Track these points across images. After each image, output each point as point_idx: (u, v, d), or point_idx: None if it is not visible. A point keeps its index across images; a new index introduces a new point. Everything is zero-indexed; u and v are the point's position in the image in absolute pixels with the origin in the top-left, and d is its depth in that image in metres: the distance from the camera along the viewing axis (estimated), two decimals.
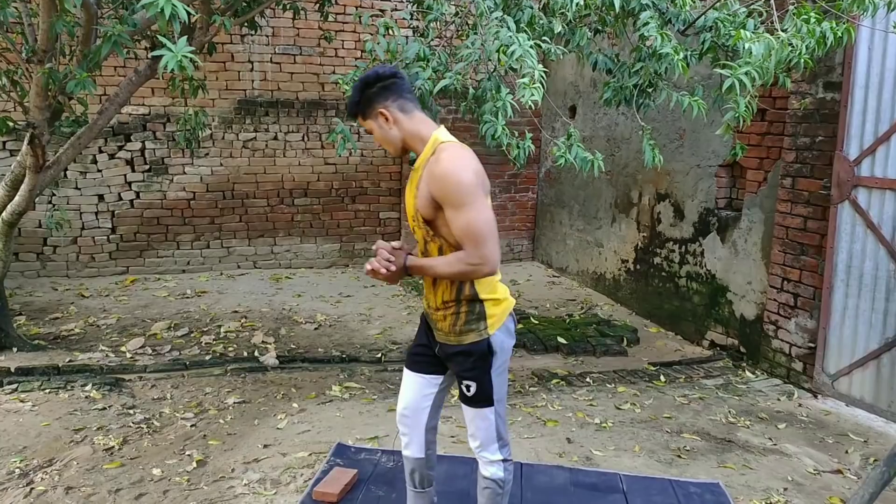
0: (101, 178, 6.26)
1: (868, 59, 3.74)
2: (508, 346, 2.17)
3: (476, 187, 1.93)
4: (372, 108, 2.00)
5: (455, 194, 1.91)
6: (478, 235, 1.92)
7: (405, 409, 2.26)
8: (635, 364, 4.67)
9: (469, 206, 1.91)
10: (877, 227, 3.74)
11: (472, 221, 1.92)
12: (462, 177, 1.91)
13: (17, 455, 3.10)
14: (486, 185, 1.99)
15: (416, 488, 2.38)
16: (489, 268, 1.96)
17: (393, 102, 2.00)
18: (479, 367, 2.09)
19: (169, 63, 2.26)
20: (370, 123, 2.04)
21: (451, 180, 1.91)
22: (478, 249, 1.93)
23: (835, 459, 3.31)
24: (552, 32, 3.20)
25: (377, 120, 2.01)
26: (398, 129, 2.02)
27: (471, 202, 1.91)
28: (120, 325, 5.04)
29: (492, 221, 1.96)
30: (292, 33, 6.54)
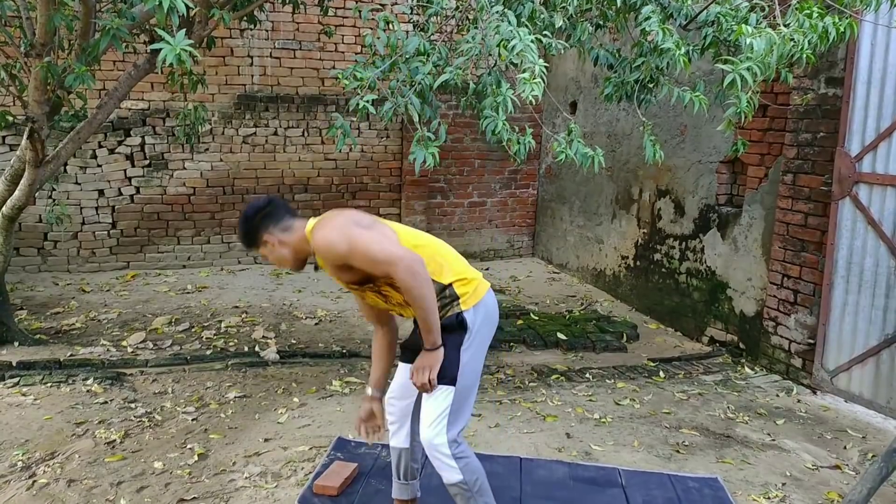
0: (100, 173, 6.25)
1: (870, 55, 3.73)
2: (484, 331, 2.18)
3: (346, 230, 2.06)
4: (259, 237, 2.19)
5: (343, 251, 2.04)
6: (381, 259, 2.03)
7: (392, 395, 2.37)
8: (635, 360, 4.68)
9: (356, 247, 2.03)
10: (877, 224, 3.74)
11: (369, 255, 2.04)
12: (331, 238, 2.06)
13: (19, 448, 3.11)
14: (358, 220, 2.13)
15: (400, 479, 2.42)
16: (408, 262, 2.02)
17: (275, 227, 2.17)
18: (448, 341, 2.12)
19: (168, 56, 2.25)
20: (262, 251, 2.21)
21: (330, 248, 2.06)
22: (392, 266, 2.02)
23: (833, 455, 3.32)
24: (553, 27, 3.19)
25: (266, 246, 2.19)
26: (286, 247, 2.17)
27: (354, 244, 2.03)
28: (121, 319, 5.05)
29: (374, 239, 2.06)
30: (292, 28, 6.52)
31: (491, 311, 2.22)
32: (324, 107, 6.74)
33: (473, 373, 2.19)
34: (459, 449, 2.16)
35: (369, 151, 6.99)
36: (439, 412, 2.12)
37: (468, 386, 2.17)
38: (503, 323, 5.23)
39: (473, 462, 2.20)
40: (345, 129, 3.30)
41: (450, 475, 2.15)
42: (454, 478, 2.15)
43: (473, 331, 2.15)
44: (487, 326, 2.20)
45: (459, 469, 2.15)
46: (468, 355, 2.14)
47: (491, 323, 2.22)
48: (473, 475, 2.18)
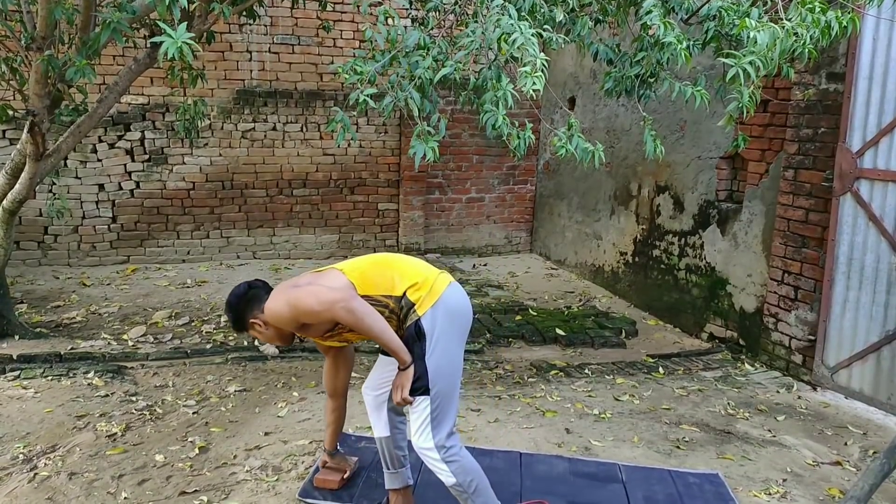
0: (101, 167, 6.25)
1: (872, 50, 3.72)
2: (448, 328, 2.20)
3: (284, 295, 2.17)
4: (246, 322, 2.25)
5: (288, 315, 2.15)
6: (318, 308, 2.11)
7: (366, 385, 2.51)
8: (634, 356, 4.68)
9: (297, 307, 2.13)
10: (878, 220, 3.73)
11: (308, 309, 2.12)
12: (275, 308, 2.18)
13: (20, 441, 3.11)
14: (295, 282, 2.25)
15: (389, 469, 2.50)
16: (342, 303, 2.09)
17: (258, 310, 2.22)
18: (413, 353, 2.18)
19: (169, 49, 2.24)
20: (254, 333, 2.28)
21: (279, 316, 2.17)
22: (330, 311, 2.10)
23: (834, 451, 3.32)
24: (553, 21, 3.18)
25: (255, 329, 2.26)
26: (270, 327, 2.24)
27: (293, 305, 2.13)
28: (121, 313, 5.05)
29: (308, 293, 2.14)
30: (291, 23, 6.50)
31: (452, 304, 2.24)
32: (322, 102, 6.73)
33: (448, 374, 2.21)
34: (449, 452, 2.18)
35: (367, 147, 6.98)
36: (421, 421, 2.18)
37: (446, 389, 2.19)
38: (502, 318, 5.24)
39: (467, 463, 2.22)
40: (345, 123, 3.28)
41: (444, 478, 2.22)
42: (448, 481, 2.22)
43: (434, 335, 2.17)
44: (451, 321, 2.22)
45: (451, 472, 2.19)
46: (434, 361, 2.16)
47: (455, 315, 2.24)
48: (467, 476, 2.20)
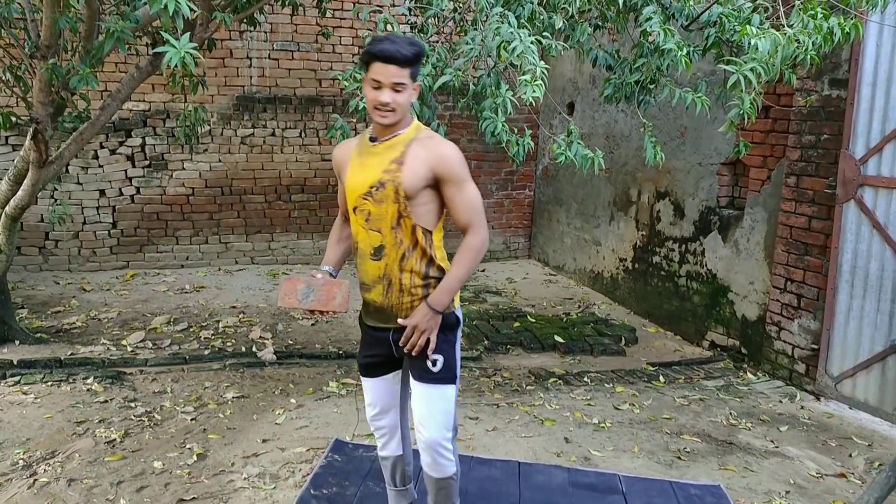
0: (102, 173, 6.26)
1: (876, 56, 3.70)
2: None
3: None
4: (416, 72, 1.98)
5: (461, 171, 2.01)
6: (479, 209, 2.05)
7: (377, 412, 2.25)
8: (633, 364, 4.65)
9: (469, 183, 2.03)
10: (883, 227, 3.70)
11: (474, 196, 2.04)
12: (460, 156, 2.03)
13: (20, 447, 3.11)
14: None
15: (396, 487, 2.37)
16: (486, 242, 2.06)
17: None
18: (446, 339, 2.10)
19: (172, 59, 2.24)
20: (408, 83, 1.93)
21: (457, 158, 2.01)
22: (481, 225, 2.04)
23: (838, 463, 3.28)
24: (553, 28, 3.17)
25: (405, 89, 1.94)
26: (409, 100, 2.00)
27: (469, 179, 2.04)
28: (121, 318, 5.05)
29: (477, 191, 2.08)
30: (290, 29, 6.52)
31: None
32: (321, 108, 6.74)
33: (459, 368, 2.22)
34: (454, 441, 2.20)
35: None
36: (447, 411, 2.12)
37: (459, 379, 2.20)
38: (500, 325, 5.22)
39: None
40: (344, 129, 3.29)
41: (448, 468, 2.16)
42: (451, 470, 2.17)
43: (459, 329, 2.17)
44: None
45: (455, 462, 2.18)
46: (459, 353, 2.17)
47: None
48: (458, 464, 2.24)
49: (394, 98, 1.91)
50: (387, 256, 2.04)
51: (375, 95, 1.91)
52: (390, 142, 2.00)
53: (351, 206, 2.07)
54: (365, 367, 2.23)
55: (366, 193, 2.01)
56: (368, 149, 2.03)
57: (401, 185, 1.97)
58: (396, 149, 1.99)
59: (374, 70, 1.90)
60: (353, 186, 2.04)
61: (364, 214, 2.03)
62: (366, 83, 1.94)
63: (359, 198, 2.03)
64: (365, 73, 1.94)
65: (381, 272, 2.06)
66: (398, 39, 1.91)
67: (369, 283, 2.10)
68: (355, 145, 2.09)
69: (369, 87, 1.93)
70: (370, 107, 1.95)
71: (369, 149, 2.02)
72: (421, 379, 2.10)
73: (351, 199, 2.06)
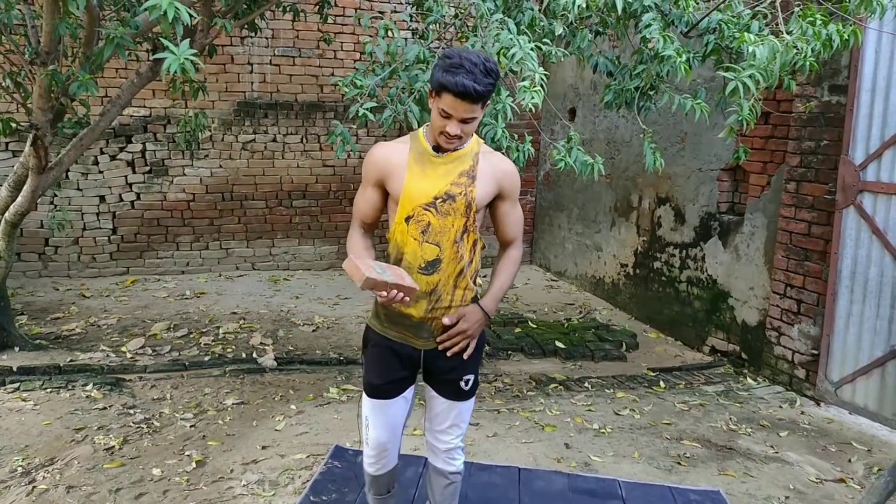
0: (102, 179, 6.27)
1: (875, 62, 3.71)
2: None
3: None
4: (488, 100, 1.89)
5: (518, 190, 2.07)
6: (522, 226, 2.14)
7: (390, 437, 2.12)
8: (634, 369, 4.64)
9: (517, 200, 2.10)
10: (882, 233, 3.71)
11: (521, 213, 2.12)
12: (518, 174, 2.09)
13: (18, 454, 3.10)
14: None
15: (382, 496, 2.31)
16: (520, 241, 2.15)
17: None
18: (479, 357, 2.13)
19: (172, 66, 2.24)
20: (479, 115, 1.86)
21: (518, 176, 2.07)
22: (520, 241, 2.14)
23: (838, 468, 3.28)
24: (553, 34, 3.18)
25: (478, 115, 1.87)
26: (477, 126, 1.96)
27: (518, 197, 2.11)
28: (120, 325, 5.04)
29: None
30: (292, 35, 6.54)
31: None
32: (322, 114, 6.75)
33: None
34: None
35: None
36: (468, 420, 2.18)
37: None
38: (501, 331, 5.21)
39: None
40: (344, 136, 3.29)
41: (458, 465, 2.19)
42: (460, 466, 2.20)
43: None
44: None
45: (463, 460, 2.21)
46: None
47: None
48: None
49: (462, 129, 1.85)
50: (442, 271, 1.97)
51: (444, 125, 1.84)
52: (457, 153, 1.93)
53: (404, 215, 1.94)
54: (383, 390, 2.06)
55: (429, 204, 1.92)
56: (431, 157, 1.93)
57: (473, 200, 1.94)
58: (465, 162, 1.94)
59: (445, 101, 1.79)
60: (413, 195, 1.92)
61: (422, 226, 1.94)
62: (434, 106, 1.85)
63: (419, 207, 1.92)
64: (434, 95, 1.83)
65: (430, 287, 1.97)
66: (476, 68, 1.76)
67: (434, 299, 2.00)
68: (409, 150, 1.95)
69: (437, 114, 1.84)
70: (434, 132, 1.89)
71: (431, 157, 1.93)
72: (450, 397, 2.09)
73: (407, 207, 1.93)
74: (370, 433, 2.11)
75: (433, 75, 1.84)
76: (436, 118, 1.86)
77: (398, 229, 1.97)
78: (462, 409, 2.12)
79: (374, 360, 2.07)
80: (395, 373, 2.06)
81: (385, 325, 2.05)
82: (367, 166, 2.00)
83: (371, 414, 2.09)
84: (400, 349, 2.04)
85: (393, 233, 1.98)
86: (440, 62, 1.83)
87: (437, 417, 2.13)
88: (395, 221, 1.97)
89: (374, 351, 2.07)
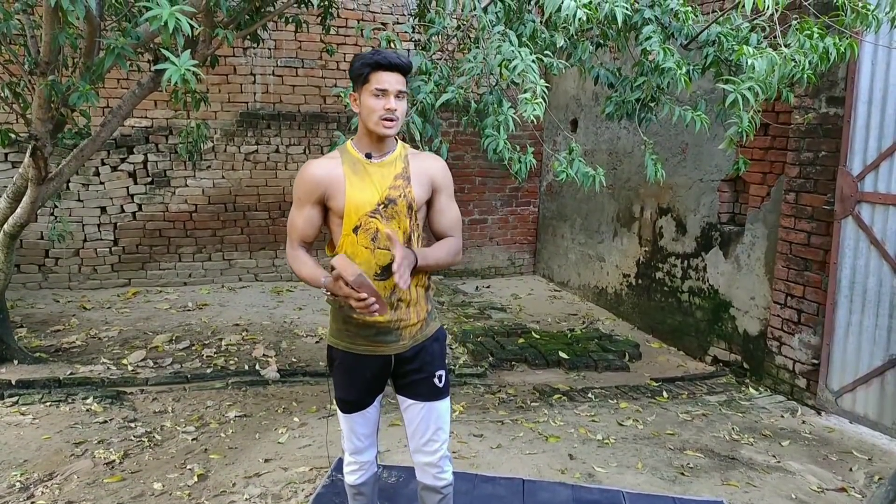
0: (103, 190, 6.27)
1: (871, 75, 3.74)
2: None
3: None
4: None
5: (451, 184, 2.12)
6: (460, 223, 2.15)
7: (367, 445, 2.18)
8: (637, 379, 4.64)
9: (453, 195, 2.14)
10: (880, 244, 3.72)
11: (457, 210, 2.14)
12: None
13: (17, 468, 3.08)
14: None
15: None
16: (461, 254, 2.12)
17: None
18: (444, 352, 2.16)
19: (172, 76, 2.25)
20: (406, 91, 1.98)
21: (448, 170, 2.12)
22: (460, 236, 2.13)
23: (839, 477, 3.28)
24: (554, 46, 3.21)
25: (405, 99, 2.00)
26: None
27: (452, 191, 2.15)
28: (121, 337, 5.03)
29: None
30: (294, 46, 6.57)
31: None
32: (325, 124, 6.77)
33: None
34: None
35: None
36: (449, 423, 2.16)
37: None
38: (504, 341, 5.21)
39: None
40: None
41: (449, 477, 2.17)
42: (451, 478, 2.18)
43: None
44: None
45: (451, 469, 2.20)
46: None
47: None
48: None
49: (399, 105, 1.93)
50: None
51: (383, 104, 1.91)
52: (388, 158, 2.01)
53: (351, 226, 1.97)
54: (355, 404, 2.11)
55: (373, 211, 1.97)
56: (365, 165, 1.99)
57: (414, 200, 2.00)
58: (397, 165, 2.01)
59: (377, 79, 1.90)
60: (358, 205, 1.97)
61: (370, 233, 1.97)
62: (365, 95, 1.93)
63: (364, 216, 1.96)
64: (360, 87, 1.94)
65: (389, 291, 2.00)
66: (389, 51, 1.95)
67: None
68: (342, 163, 1.99)
69: (371, 98, 1.91)
70: (374, 118, 1.92)
71: (366, 165, 1.99)
72: (428, 397, 2.10)
73: (353, 218, 1.97)
74: (347, 444, 2.18)
75: (355, 69, 1.95)
76: (370, 104, 1.92)
77: (347, 241, 1.98)
78: (441, 411, 2.11)
79: (343, 377, 2.11)
80: (366, 385, 2.10)
81: (351, 340, 2.06)
82: (304, 185, 2.00)
83: (347, 426, 2.16)
84: (370, 361, 2.06)
85: (341, 246, 1.99)
86: (355, 59, 1.96)
87: (419, 427, 2.11)
88: (343, 234, 1.99)
89: (341, 368, 2.10)
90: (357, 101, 1.97)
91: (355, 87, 1.97)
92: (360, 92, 1.95)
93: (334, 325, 2.09)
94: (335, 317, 2.08)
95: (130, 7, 3.62)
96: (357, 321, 2.01)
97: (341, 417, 2.16)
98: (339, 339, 2.08)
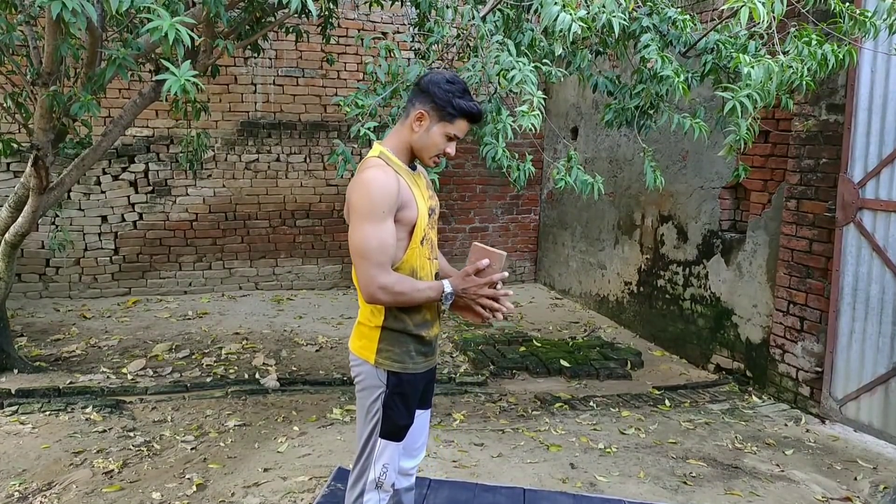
0: (104, 199, 6.29)
1: (871, 82, 3.74)
2: None
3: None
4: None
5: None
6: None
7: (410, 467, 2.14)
8: (639, 388, 4.62)
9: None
10: (882, 250, 3.71)
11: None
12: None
13: (16, 478, 3.07)
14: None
15: None
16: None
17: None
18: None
19: (172, 87, 2.26)
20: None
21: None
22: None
23: (844, 486, 3.25)
24: (553, 55, 3.22)
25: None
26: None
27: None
28: (121, 346, 5.02)
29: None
30: (295, 56, 6.60)
31: None
32: (326, 133, 6.79)
33: None
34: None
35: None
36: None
37: None
38: (505, 350, 5.19)
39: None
40: (346, 155, 3.31)
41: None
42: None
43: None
44: None
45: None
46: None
47: None
48: None
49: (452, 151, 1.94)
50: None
51: (446, 148, 1.89)
52: (419, 169, 2.02)
53: (419, 237, 1.88)
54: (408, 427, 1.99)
55: (429, 221, 1.95)
56: (413, 176, 1.93)
57: (438, 207, 2.05)
58: (425, 175, 2.05)
59: (460, 127, 1.87)
60: (423, 216, 1.90)
61: (430, 243, 1.95)
62: (438, 131, 1.86)
63: (426, 227, 1.92)
64: (438, 117, 1.85)
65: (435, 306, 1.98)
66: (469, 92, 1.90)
67: (431, 319, 1.96)
68: (402, 172, 1.88)
69: (442, 138, 1.87)
70: (431, 153, 1.89)
71: (414, 176, 1.94)
72: (430, 402, 2.17)
73: (421, 229, 1.89)
74: (387, 477, 1.95)
75: (445, 102, 1.84)
76: (438, 141, 1.87)
77: (414, 254, 1.89)
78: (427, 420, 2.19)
79: (406, 401, 1.94)
80: (420, 401, 2.03)
81: (414, 360, 1.94)
82: (388, 198, 1.78)
83: (392, 458, 1.95)
84: (424, 377, 2.00)
85: (407, 260, 1.88)
86: (448, 87, 1.84)
87: (414, 434, 2.05)
88: (410, 247, 1.87)
89: (405, 393, 1.94)
90: (424, 123, 1.86)
91: (432, 111, 1.86)
92: (434, 121, 1.86)
93: (395, 348, 1.90)
94: (392, 339, 1.90)
95: (131, 18, 3.64)
96: (425, 338, 1.93)
97: (390, 448, 1.94)
98: (403, 361, 1.91)
